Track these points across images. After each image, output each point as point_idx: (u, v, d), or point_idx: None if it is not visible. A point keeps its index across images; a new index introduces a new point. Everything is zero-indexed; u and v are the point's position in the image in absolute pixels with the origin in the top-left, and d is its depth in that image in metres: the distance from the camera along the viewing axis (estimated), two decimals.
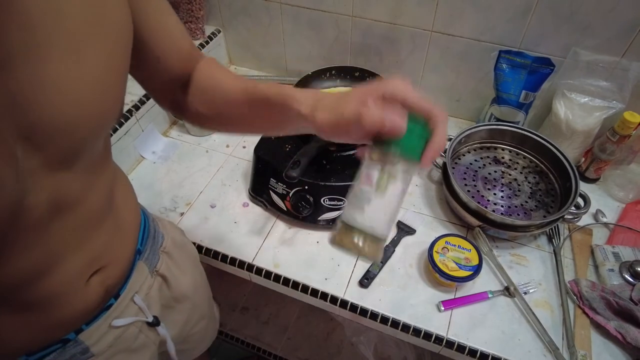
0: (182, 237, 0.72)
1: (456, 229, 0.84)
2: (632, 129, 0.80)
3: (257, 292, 1.43)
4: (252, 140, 0.96)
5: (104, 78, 0.36)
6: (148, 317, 0.57)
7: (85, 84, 0.34)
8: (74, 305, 0.46)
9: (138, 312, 0.56)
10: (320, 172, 0.79)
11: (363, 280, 0.75)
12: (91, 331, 0.50)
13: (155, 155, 0.99)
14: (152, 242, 0.61)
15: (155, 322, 0.58)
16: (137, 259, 0.57)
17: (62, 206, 0.38)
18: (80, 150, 0.38)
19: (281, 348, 1.31)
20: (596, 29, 0.80)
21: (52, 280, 0.42)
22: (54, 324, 0.46)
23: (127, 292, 0.54)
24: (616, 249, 0.77)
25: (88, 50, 0.34)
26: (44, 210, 0.36)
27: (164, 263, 0.62)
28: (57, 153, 0.35)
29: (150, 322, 0.57)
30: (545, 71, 0.86)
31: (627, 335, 0.66)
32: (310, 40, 1.07)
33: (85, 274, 0.46)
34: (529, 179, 0.86)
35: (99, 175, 0.44)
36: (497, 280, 0.76)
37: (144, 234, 0.59)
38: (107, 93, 0.37)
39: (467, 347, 0.68)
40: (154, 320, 0.58)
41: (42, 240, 0.39)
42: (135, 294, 0.56)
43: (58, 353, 0.47)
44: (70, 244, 0.42)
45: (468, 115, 1.07)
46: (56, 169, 0.36)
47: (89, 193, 0.42)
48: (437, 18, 0.90)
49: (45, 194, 0.36)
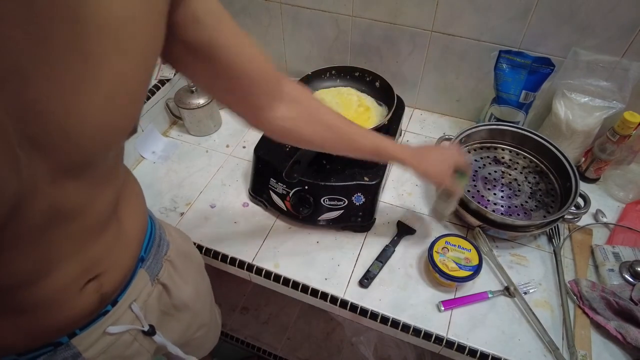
0: (188, 246, 0.71)
1: (456, 229, 0.84)
2: (632, 129, 0.80)
3: (257, 292, 1.43)
4: (252, 140, 0.96)
5: (118, 96, 0.35)
6: (144, 326, 0.56)
7: (99, 100, 0.34)
8: (68, 310, 0.45)
9: (134, 320, 0.55)
10: (320, 172, 0.79)
11: (363, 280, 0.75)
12: (84, 336, 0.49)
13: (155, 155, 0.99)
14: (156, 250, 0.60)
15: (150, 332, 0.57)
16: (138, 267, 0.56)
17: (62, 215, 0.38)
18: (88, 163, 0.37)
19: (281, 348, 1.31)
20: (596, 29, 0.80)
21: (46, 286, 0.41)
22: (46, 328, 0.45)
23: (125, 300, 0.54)
24: (616, 249, 0.77)
25: (104, 67, 0.33)
26: (43, 218, 0.36)
27: (166, 272, 0.61)
28: (63, 163, 0.34)
29: (145, 331, 0.57)
30: (545, 71, 0.86)
31: (627, 335, 0.66)
32: (310, 40, 1.07)
33: (81, 281, 0.45)
34: (529, 179, 0.86)
35: (105, 186, 0.43)
36: (497, 280, 0.76)
37: (149, 242, 0.58)
38: (120, 111, 0.36)
39: (467, 347, 0.68)
40: (150, 330, 0.57)
41: (38, 246, 0.38)
42: (133, 302, 0.55)
43: (49, 355, 0.47)
44: (67, 251, 0.42)
45: (468, 115, 1.07)
46: (62, 179, 0.35)
47: (92, 204, 0.41)
48: (437, 18, 0.90)
49: (47, 202, 0.35)
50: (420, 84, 1.05)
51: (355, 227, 0.82)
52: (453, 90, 1.03)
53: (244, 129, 1.05)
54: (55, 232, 0.38)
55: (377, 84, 0.93)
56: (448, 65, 0.98)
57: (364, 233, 0.83)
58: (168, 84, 1.01)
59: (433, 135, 1.03)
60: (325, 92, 0.94)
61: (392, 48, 1.00)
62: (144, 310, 0.57)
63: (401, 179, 0.93)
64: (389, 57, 1.02)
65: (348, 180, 0.78)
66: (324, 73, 0.95)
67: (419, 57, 0.99)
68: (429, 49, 0.97)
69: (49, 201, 0.35)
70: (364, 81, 0.95)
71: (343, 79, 0.96)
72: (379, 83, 0.92)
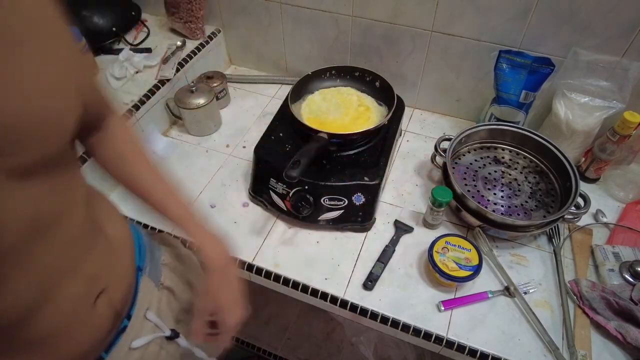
0: (184, 249, 0.71)
1: (456, 229, 0.84)
2: (632, 128, 0.80)
3: (257, 292, 1.43)
4: (252, 140, 0.96)
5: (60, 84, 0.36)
6: (165, 331, 0.56)
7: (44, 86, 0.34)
8: (85, 333, 0.44)
9: (154, 328, 0.55)
10: (320, 172, 0.79)
11: (367, 282, 0.75)
12: (112, 357, 0.49)
13: (155, 155, 0.98)
14: (150, 256, 0.60)
15: (173, 335, 0.57)
16: (139, 276, 0.56)
17: (42, 224, 0.37)
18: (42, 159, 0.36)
19: (281, 348, 1.31)
20: (596, 29, 0.80)
21: (53, 311, 0.40)
22: (70, 357, 0.43)
23: (139, 310, 0.53)
24: (616, 249, 0.77)
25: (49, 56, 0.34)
26: (24, 229, 0.35)
27: (168, 276, 0.61)
28: (19, 160, 0.34)
29: (168, 335, 0.56)
30: (545, 71, 0.85)
31: (627, 335, 0.66)
32: (310, 40, 1.07)
33: (89, 297, 0.44)
34: (529, 179, 0.86)
35: (71, 191, 0.43)
36: (497, 280, 0.76)
37: (140, 250, 0.58)
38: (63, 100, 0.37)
39: (467, 347, 0.68)
40: (172, 333, 0.57)
41: (28, 265, 0.37)
42: (147, 311, 0.55)
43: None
44: (61, 268, 0.41)
45: (468, 115, 1.07)
46: (24, 180, 0.34)
47: (66, 210, 0.41)
48: (437, 18, 0.90)
49: (21, 210, 0.34)
50: (420, 84, 1.05)
51: (355, 227, 0.82)
52: (453, 90, 1.03)
53: (244, 129, 1.05)
54: (40, 246, 0.37)
55: (377, 84, 0.93)
56: (448, 65, 0.98)
57: (364, 233, 0.83)
58: (168, 84, 1.01)
59: (433, 135, 1.03)
60: (325, 92, 0.94)
61: (392, 48, 1.00)
62: (160, 317, 0.57)
63: (401, 179, 0.93)
64: (389, 57, 1.02)
65: (348, 180, 0.78)
66: (324, 73, 0.95)
67: (419, 57, 0.99)
68: (429, 49, 0.97)
69: (23, 209, 0.34)
70: (364, 81, 0.95)
71: (343, 79, 0.96)
72: (379, 83, 0.92)
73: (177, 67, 1.03)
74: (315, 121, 0.87)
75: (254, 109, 1.11)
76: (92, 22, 1.07)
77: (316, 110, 0.90)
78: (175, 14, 1.10)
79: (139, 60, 1.03)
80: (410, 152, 0.99)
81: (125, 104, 0.94)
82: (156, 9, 1.19)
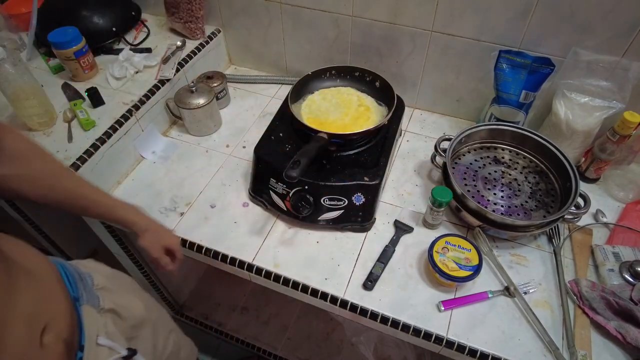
0: (111, 270, 0.71)
1: (456, 229, 0.84)
2: (632, 128, 0.80)
3: (257, 292, 1.43)
4: (252, 140, 0.96)
5: None
6: (122, 352, 0.56)
7: None
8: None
9: (110, 352, 0.55)
10: (320, 172, 0.80)
11: (367, 282, 0.75)
12: None
13: (155, 155, 0.99)
14: (82, 284, 0.59)
15: (131, 353, 0.57)
16: (79, 306, 0.55)
17: None
18: None
19: (281, 348, 1.31)
20: (596, 29, 0.80)
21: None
22: None
23: (89, 339, 0.53)
24: (616, 249, 0.77)
25: None
26: None
27: (106, 298, 0.61)
28: None
29: (126, 355, 0.56)
30: (545, 71, 0.85)
31: (627, 335, 0.66)
32: (310, 40, 1.07)
33: (34, 337, 0.43)
34: (529, 179, 0.86)
35: None
36: (497, 280, 0.76)
37: (69, 280, 0.57)
38: None
39: (467, 347, 0.68)
40: (129, 352, 0.57)
41: None
42: (97, 337, 0.54)
43: None
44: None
45: (468, 115, 1.07)
46: None
47: None
48: (437, 18, 0.90)
49: None
50: (420, 84, 1.05)
51: (355, 227, 0.82)
52: (453, 90, 1.03)
53: (244, 129, 1.05)
54: None
55: (377, 84, 0.93)
56: (448, 65, 0.98)
57: (364, 233, 0.83)
58: (168, 84, 1.01)
59: (433, 135, 1.03)
60: (325, 92, 0.94)
61: (392, 48, 1.00)
62: (112, 339, 0.56)
63: (401, 179, 0.93)
64: (389, 57, 1.02)
65: (348, 180, 0.78)
66: (324, 73, 0.95)
67: (419, 57, 0.99)
68: (429, 49, 0.97)
69: None
70: (364, 81, 0.95)
71: (343, 79, 0.96)
72: (379, 83, 0.92)
73: (177, 67, 1.03)
74: (315, 121, 0.87)
75: (253, 109, 1.11)
76: (92, 22, 1.07)
77: (316, 110, 0.90)
78: (175, 14, 1.10)
79: (139, 60, 1.03)
80: (410, 152, 0.99)
81: (125, 104, 0.94)
82: (156, 9, 1.19)
